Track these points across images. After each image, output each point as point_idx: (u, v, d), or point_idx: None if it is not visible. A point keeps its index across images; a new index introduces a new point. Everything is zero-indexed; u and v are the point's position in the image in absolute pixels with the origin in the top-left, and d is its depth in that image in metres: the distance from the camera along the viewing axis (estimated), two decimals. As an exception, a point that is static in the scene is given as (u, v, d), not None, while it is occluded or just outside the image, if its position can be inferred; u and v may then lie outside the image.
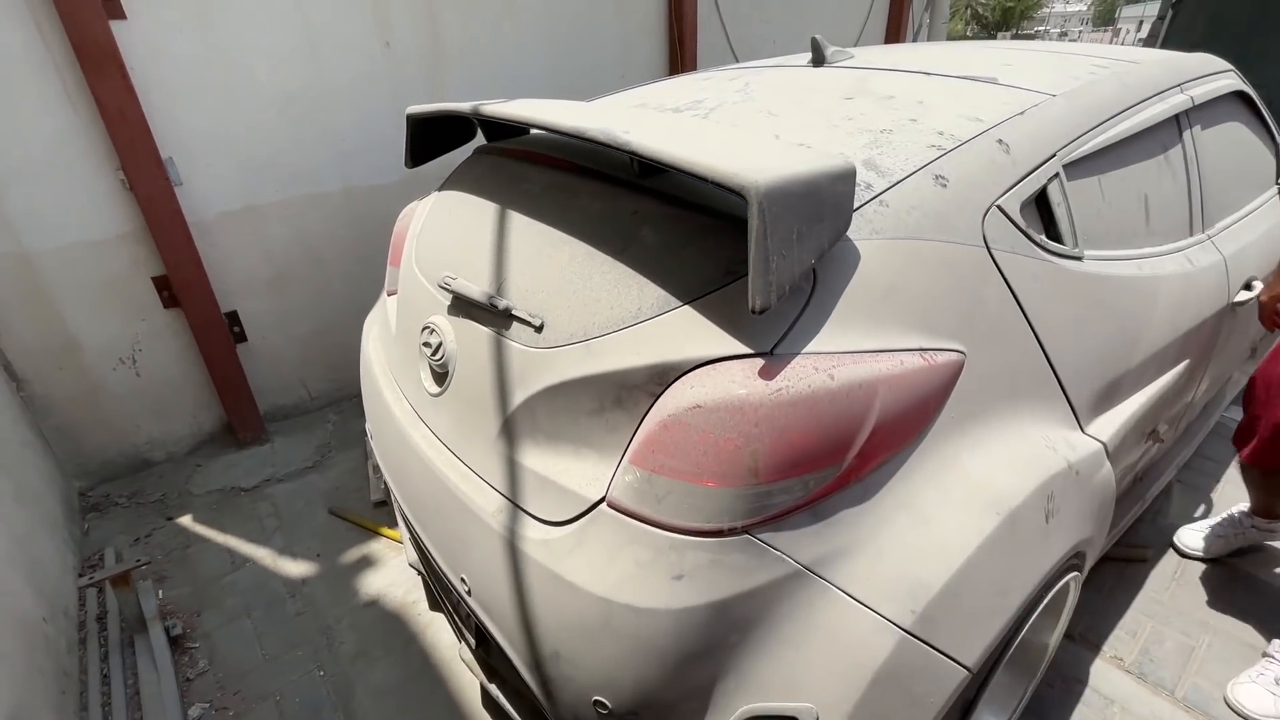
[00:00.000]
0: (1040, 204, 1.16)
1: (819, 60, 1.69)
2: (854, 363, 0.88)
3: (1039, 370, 1.11)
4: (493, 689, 1.36)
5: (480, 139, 1.63)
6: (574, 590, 0.94)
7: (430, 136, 1.66)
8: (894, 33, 4.78)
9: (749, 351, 0.87)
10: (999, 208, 1.07)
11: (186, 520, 2.21)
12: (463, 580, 1.17)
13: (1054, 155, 1.17)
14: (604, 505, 0.95)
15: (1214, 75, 1.68)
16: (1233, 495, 2.14)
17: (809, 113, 1.27)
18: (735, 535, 0.87)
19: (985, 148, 1.09)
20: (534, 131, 1.56)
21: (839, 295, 0.91)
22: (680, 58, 3.43)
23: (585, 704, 0.98)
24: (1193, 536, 1.93)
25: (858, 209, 0.96)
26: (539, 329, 1.07)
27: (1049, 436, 1.10)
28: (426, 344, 1.30)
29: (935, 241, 0.99)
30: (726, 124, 1.28)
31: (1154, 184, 1.44)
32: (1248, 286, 1.69)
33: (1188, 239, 1.53)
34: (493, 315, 1.15)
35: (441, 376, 1.28)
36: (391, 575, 1.95)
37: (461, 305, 1.24)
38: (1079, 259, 1.19)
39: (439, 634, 1.75)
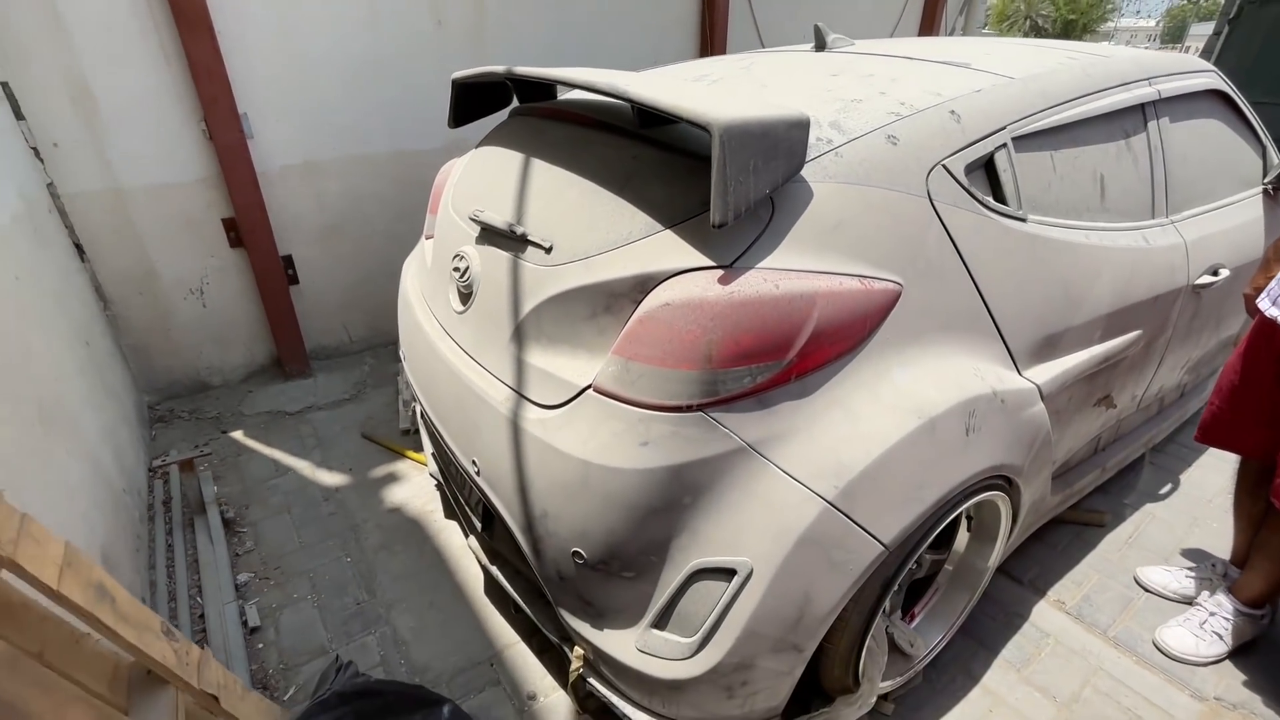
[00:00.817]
0: (989, 169, 1.33)
1: (820, 46, 1.87)
2: (797, 278, 1.07)
3: (975, 310, 1.29)
4: (494, 570, 1.59)
5: (515, 105, 1.85)
6: (562, 456, 1.15)
7: (471, 101, 1.90)
8: (928, 23, 4.87)
9: (712, 264, 1.07)
10: (944, 167, 1.24)
11: (238, 435, 2.50)
12: (474, 463, 1.40)
13: (1003, 128, 1.34)
14: (591, 390, 1.16)
15: (1188, 73, 1.81)
16: (1200, 479, 2.25)
17: (796, 86, 1.47)
18: (692, 412, 1.07)
19: (937, 116, 1.27)
20: (561, 95, 1.78)
21: (792, 224, 1.10)
22: (710, 46, 3.61)
23: (566, 557, 1.19)
24: (1158, 574, 1.82)
25: (816, 158, 1.15)
26: (549, 250, 1.29)
27: (979, 368, 1.27)
28: (456, 269, 1.53)
29: (881, 189, 1.17)
30: (723, 91, 1.48)
31: (1112, 165, 1.58)
32: (1214, 272, 1.82)
33: (1147, 220, 1.67)
34: (511, 241, 1.37)
35: (466, 296, 1.50)
36: (413, 489, 2.20)
37: (487, 235, 1.46)
38: (1022, 220, 1.36)
39: (451, 537, 1.99)
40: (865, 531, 1.11)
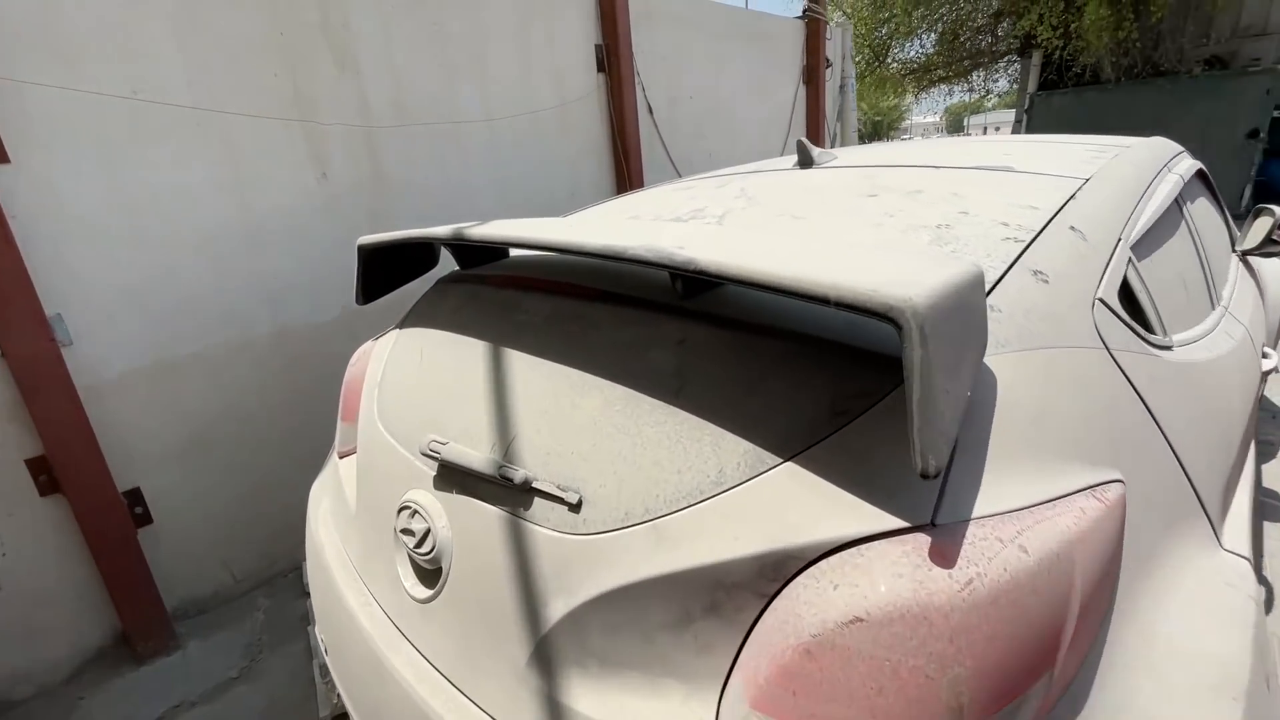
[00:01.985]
0: (1124, 291, 1.03)
1: (806, 162, 1.61)
2: (1036, 522, 0.65)
3: (1179, 484, 0.93)
4: None
5: (442, 269, 1.42)
6: None
7: (385, 268, 1.43)
8: (814, 138, 5.11)
9: (904, 525, 0.63)
10: (1101, 300, 0.92)
11: (56, 787, 1.64)
12: None
13: (1120, 238, 1.06)
14: (715, 774, 0.64)
15: (1181, 155, 1.72)
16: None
17: (838, 212, 1.14)
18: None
19: (1064, 236, 0.97)
20: (515, 253, 1.37)
21: (988, 431, 0.70)
22: (627, 174, 3.44)
23: None
24: None
25: (971, 318, 0.78)
26: (575, 507, 0.80)
27: (1220, 568, 0.90)
28: (407, 531, 0.99)
29: (1060, 348, 0.82)
30: (755, 229, 1.13)
31: (1182, 261, 1.38)
32: (1264, 354, 1.65)
33: (1215, 313, 1.47)
34: (504, 490, 0.87)
35: (431, 575, 0.96)
36: (352, 833, 1.45)
37: (454, 475, 0.95)
38: (1170, 348, 1.06)
39: None
40: None
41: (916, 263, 0.66)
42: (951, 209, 1.07)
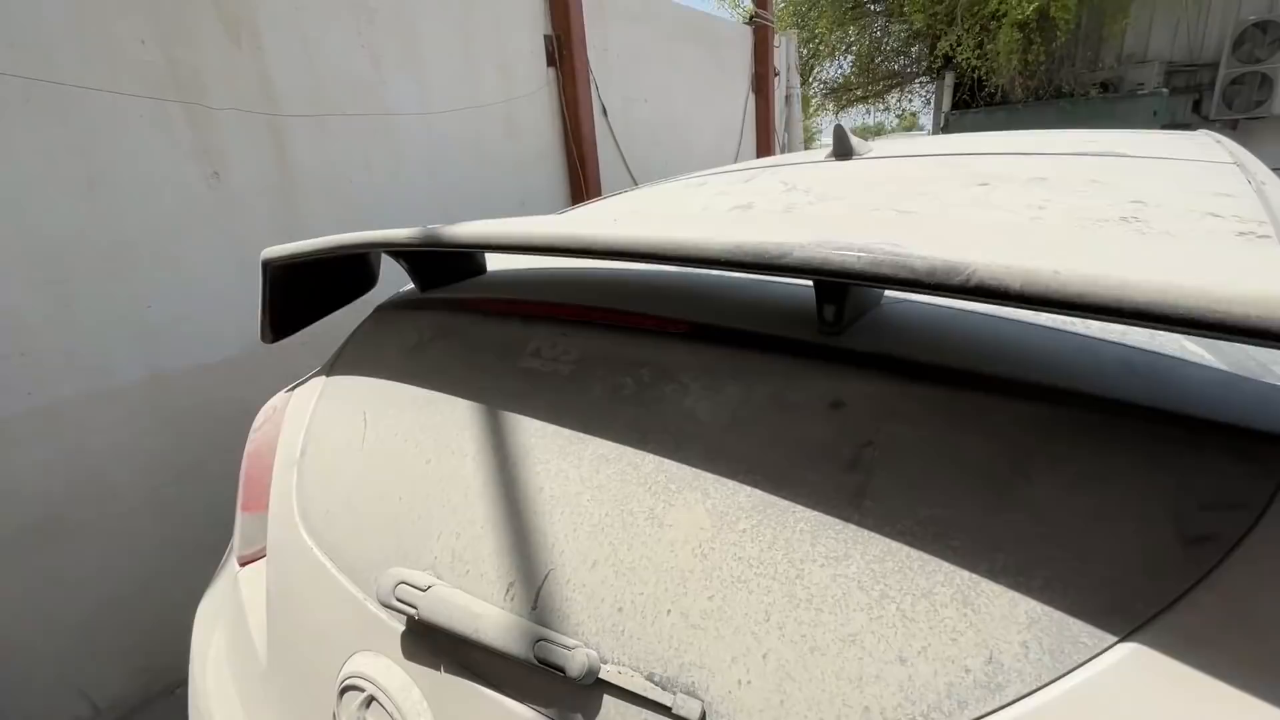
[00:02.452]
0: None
1: (844, 153, 1.33)
2: None
3: None
4: None
5: (405, 291, 1.02)
6: None
7: (304, 290, 1.02)
8: (764, 148, 4.97)
9: None
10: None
11: None
12: None
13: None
14: None
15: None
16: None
17: (961, 205, 0.85)
18: None
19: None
20: (492, 268, 0.99)
21: None
22: (583, 181, 3.09)
23: None
24: None
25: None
26: (697, 725, 0.43)
27: None
28: (358, 733, 0.59)
29: None
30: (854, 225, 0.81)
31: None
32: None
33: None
34: (544, 678, 0.49)
35: (407, 818, 0.56)
36: None
37: (440, 639, 0.56)
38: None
39: None
40: None
41: None
42: (1116, 198, 0.80)
